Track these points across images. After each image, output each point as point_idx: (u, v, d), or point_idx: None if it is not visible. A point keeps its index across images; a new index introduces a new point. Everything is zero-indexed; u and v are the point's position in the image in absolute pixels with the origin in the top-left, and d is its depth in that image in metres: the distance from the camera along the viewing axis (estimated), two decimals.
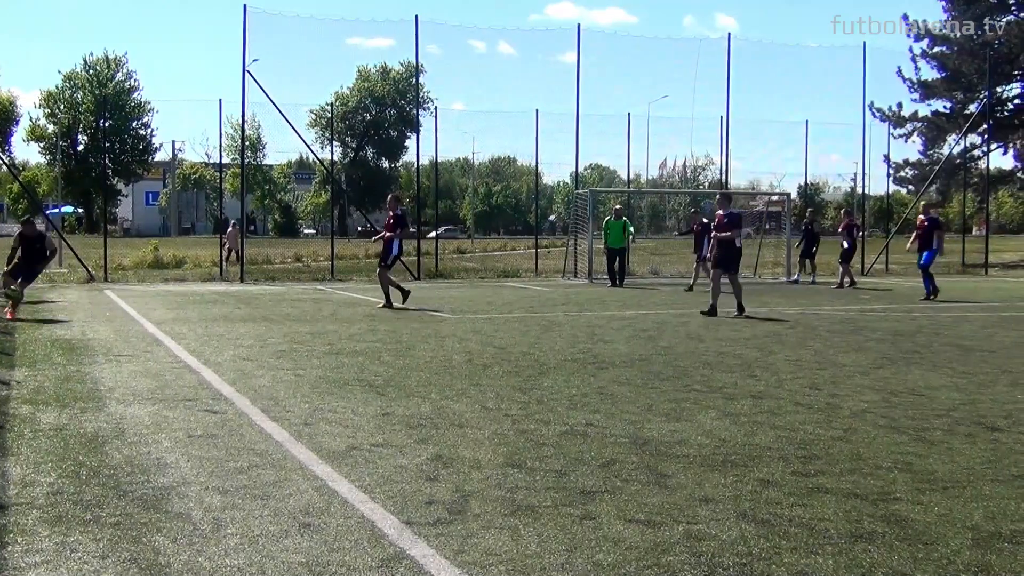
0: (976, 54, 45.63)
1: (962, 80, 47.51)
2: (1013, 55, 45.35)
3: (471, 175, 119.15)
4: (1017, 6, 48.87)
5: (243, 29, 29.05)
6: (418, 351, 12.65)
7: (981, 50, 45.00)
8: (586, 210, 32.27)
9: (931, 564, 4.80)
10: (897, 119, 48.43)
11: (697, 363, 11.72)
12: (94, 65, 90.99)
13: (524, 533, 5.21)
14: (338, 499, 5.82)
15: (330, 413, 8.46)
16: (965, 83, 47.47)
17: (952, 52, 48.35)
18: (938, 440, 7.58)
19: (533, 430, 7.82)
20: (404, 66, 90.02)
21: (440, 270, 33.36)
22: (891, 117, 48.14)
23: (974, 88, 46.80)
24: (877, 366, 11.59)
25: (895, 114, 48.37)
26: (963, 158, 45.58)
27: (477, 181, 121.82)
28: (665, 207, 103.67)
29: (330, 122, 65.13)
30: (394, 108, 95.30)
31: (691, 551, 4.95)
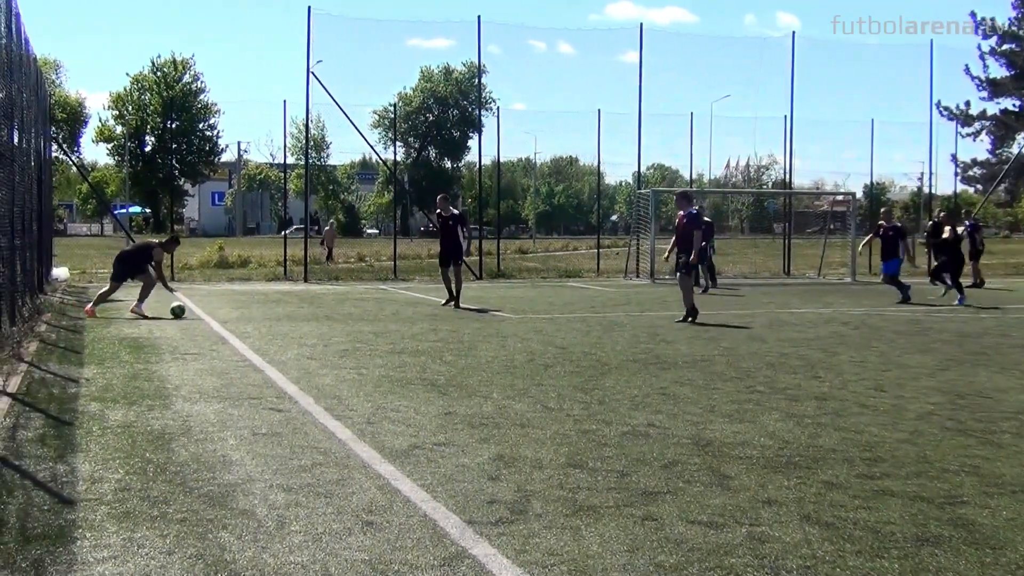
0: None
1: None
2: None
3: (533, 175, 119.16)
4: None
5: (307, 31, 29.33)
6: (480, 351, 12.68)
7: None
8: (648, 210, 32.17)
9: (999, 569, 4.74)
10: (965, 117, 47.81)
11: (760, 364, 11.64)
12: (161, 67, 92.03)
13: (586, 533, 5.21)
14: (400, 498, 5.86)
15: (392, 412, 8.51)
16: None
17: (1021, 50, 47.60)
18: (1006, 443, 7.47)
19: (595, 430, 7.81)
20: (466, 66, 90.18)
21: (502, 270, 33.40)
22: (959, 115, 47.54)
23: None
24: (943, 368, 11.45)
25: (963, 112, 47.76)
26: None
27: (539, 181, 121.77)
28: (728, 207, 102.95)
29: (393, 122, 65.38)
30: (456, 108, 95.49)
31: (754, 553, 4.92)
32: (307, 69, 29.49)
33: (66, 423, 8.00)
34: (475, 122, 79.40)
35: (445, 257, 20.04)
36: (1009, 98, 48.86)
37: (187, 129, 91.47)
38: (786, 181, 39.36)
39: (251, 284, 27.91)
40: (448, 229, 19.86)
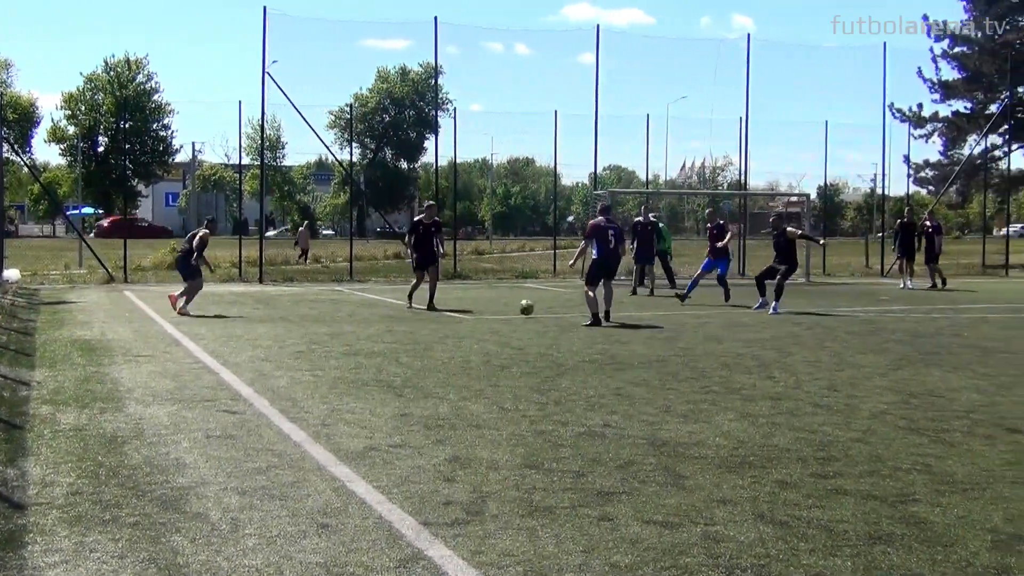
0: (997, 54, 45.42)
1: (983, 80, 47.33)
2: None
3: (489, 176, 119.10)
4: None
5: (263, 31, 29.16)
6: (436, 352, 12.67)
7: (1002, 50, 44.79)
8: None
9: (950, 566, 4.78)
10: (917, 119, 48.27)
11: (715, 364, 11.70)
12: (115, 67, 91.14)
13: (541, 534, 5.22)
14: (356, 500, 5.84)
15: (348, 414, 8.48)
16: (986, 83, 47.28)
17: (973, 52, 48.18)
18: (957, 442, 7.55)
19: (551, 431, 7.82)
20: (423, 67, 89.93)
21: (458, 271, 33.36)
22: (911, 117, 47.98)
23: (995, 88, 46.59)
24: (896, 367, 11.55)
25: (915, 114, 48.22)
26: (983, 158, 45.38)
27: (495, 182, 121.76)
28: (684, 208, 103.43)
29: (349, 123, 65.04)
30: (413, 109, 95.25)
31: (709, 552, 4.94)
32: (262, 69, 29.34)
33: (16, 426, 7.91)
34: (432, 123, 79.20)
35: (424, 262, 19.84)
36: (961, 100, 49.41)
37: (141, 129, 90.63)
38: (741, 182, 39.63)
39: (205, 286, 27.66)
40: (430, 236, 19.80)
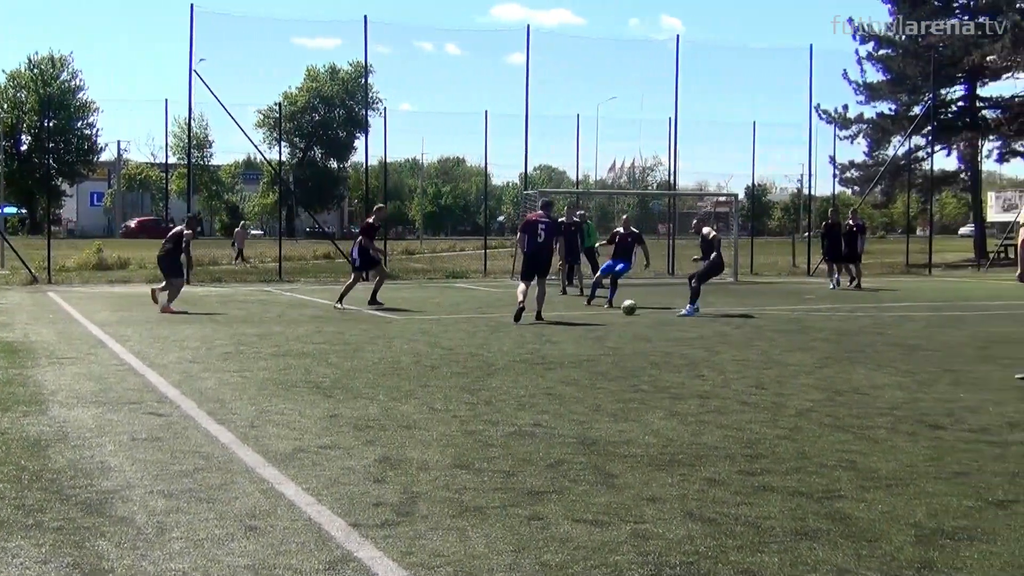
0: (920, 57, 46.17)
1: (906, 82, 48.09)
2: (956, 58, 45.93)
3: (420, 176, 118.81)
4: (961, 9, 49.57)
5: (190, 28, 28.90)
6: (366, 353, 12.61)
7: (925, 53, 45.52)
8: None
9: (874, 561, 4.85)
10: (843, 121, 48.93)
11: (644, 363, 11.77)
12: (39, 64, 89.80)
13: (471, 534, 5.21)
14: (284, 502, 5.79)
15: (277, 415, 8.41)
16: (909, 85, 48.04)
17: (897, 55, 48.93)
18: (881, 438, 7.66)
19: (481, 431, 7.82)
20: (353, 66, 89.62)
21: (389, 271, 33.22)
22: (837, 119, 48.63)
23: (918, 90, 47.37)
24: (821, 365, 11.70)
25: (841, 116, 48.87)
26: (907, 159, 46.12)
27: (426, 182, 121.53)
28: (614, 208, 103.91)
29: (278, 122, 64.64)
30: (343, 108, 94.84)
31: (638, 550, 4.97)
32: (190, 67, 29.04)
33: None
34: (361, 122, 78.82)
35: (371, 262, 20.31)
36: (885, 102, 50.15)
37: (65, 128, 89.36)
38: (670, 182, 39.94)
39: (131, 286, 27.35)
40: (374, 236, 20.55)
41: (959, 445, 7.43)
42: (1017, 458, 7.01)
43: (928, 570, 4.73)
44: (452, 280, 31.53)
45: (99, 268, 33.80)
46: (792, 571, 4.71)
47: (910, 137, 44.42)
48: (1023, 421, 8.35)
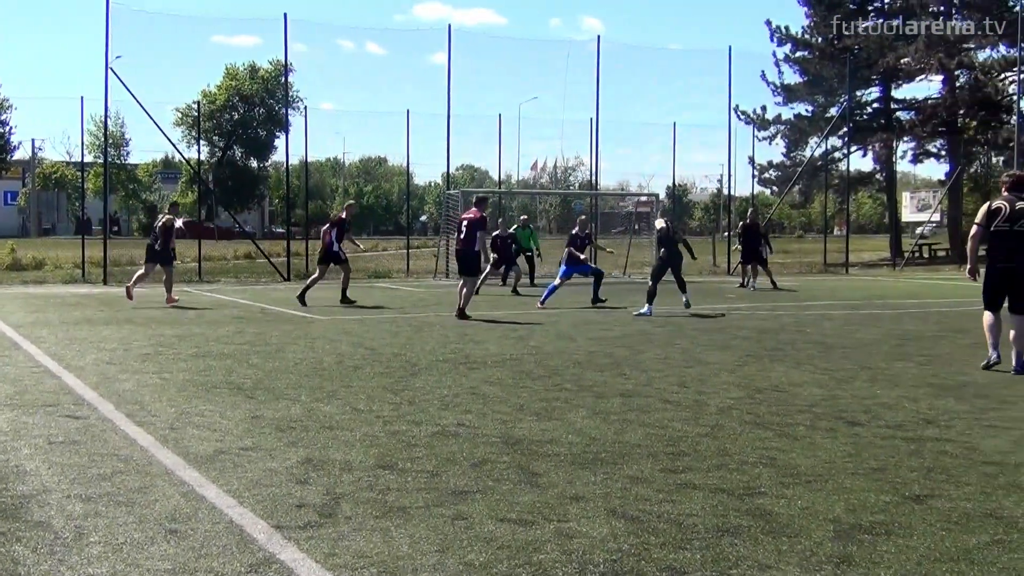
0: (836, 59, 46.92)
1: (823, 84, 48.85)
2: (871, 60, 46.75)
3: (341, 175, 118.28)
4: (876, 12, 50.44)
5: (106, 25, 28.46)
6: (288, 353, 12.51)
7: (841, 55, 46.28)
8: (457, 211, 32.28)
9: (794, 556, 4.92)
10: (761, 122, 49.58)
11: (568, 362, 11.81)
12: None
13: (395, 534, 5.19)
14: (205, 504, 5.72)
15: (197, 417, 8.31)
16: (826, 87, 48.82)
17: (813, 57, 49.67)
18: (801, 435, 7.76)
19: (404, 431, 7.79)
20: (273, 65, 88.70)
21: (310, 271, 33.01)
22: (755, 120, 49.27)
23: (834, 92, 48.15)
24: (742, 363, 11.83)
25: (759, 117, 49.52)
26: (824, 160, 46.87)
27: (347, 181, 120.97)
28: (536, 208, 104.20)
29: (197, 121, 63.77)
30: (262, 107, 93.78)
31: (562, 549, 4.98)
32: (106, 65, 28.62)
33: None
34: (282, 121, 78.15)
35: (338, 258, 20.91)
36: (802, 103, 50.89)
37: None
38: (592, 182, 40.12)
39: (46, 287, 26.88)
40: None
41: (876, 441, 7.56)
42: (932, 454, 7.14)
43: (847, 565, 4.80)
44: (375, 280, 31.41)
45: (13, 268, 33.17)
46: (714, 567, 4.76)
47: (827, 138, 45.19)
48: (937, 417, 8.51)
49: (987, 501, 5.89)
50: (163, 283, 20.79)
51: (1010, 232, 11.10)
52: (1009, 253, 11.16)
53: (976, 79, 46.09)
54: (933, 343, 14.05)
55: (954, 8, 46.60)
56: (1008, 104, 45.57)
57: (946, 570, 4.73)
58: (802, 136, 50.19)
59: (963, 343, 14.03)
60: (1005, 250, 11.20)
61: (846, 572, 4.70)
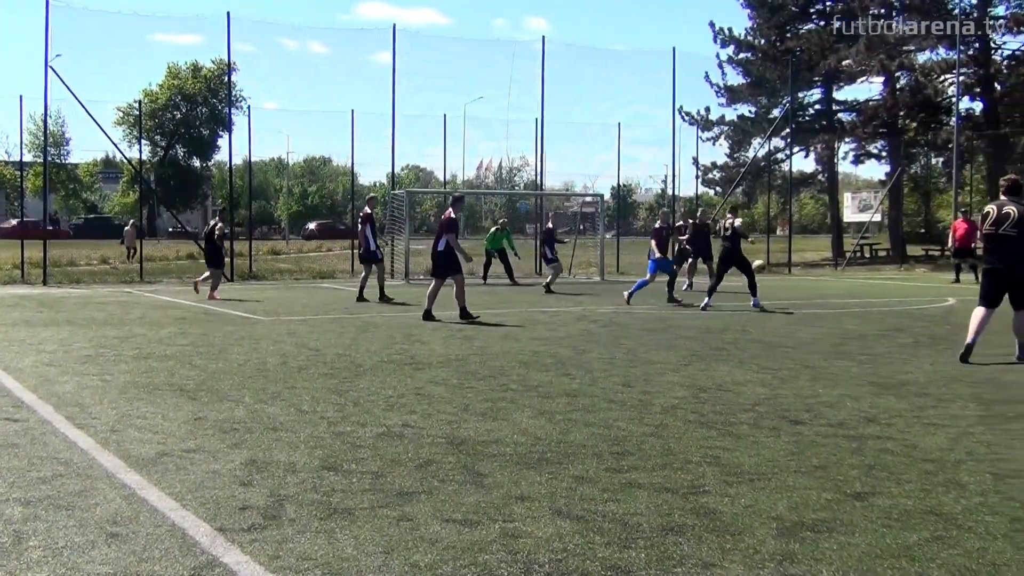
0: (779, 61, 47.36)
1: (766, 86, 49.31)
2: (813, 62, 47.19)
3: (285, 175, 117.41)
4: (818, 15, 50.95)
5: (45, 23, 28.10)
6: (231, 354, 12.42)
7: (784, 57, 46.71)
8: (403, 211, 32.22)
9: (738, 554, 4.95)
10: (705, 123, 49.95)
11: (513, 362, 11.82)
12: None
13: (340, 536, 5.17)
14: (148, 507, 5.66)
15: (139, 419, 8.22)
16: (769, 88, 49.28)
17: (756, 58, 50.11)
18: (744, 434, 7.82)
19: (349, 432, 7.76)
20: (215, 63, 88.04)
21: (254, 271, 32.81)
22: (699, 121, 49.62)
23: (777, 93, 48.60)
24: (686, 363, 11.90)
25: (703, 118, 49.88)
26: (767, 161, 47.28)
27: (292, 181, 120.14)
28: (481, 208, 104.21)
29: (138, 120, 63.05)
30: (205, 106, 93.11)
31: (507, 549, 4.98)
32: (45, 63, 28.21)
33: None
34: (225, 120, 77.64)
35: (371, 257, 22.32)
36: (745, 105, 51.34)
37: None
38: (537, 182, 40.17)
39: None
40: None
41: (818, 440, 7.63)
42: (873, 452, 7.22)
43: (789, 562, 4.85)
44: (319, 280, 31.25)
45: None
46: (659, 566, 4.78)
47: (769, 139, 45.58)
48: (879, 416, 8.61)
49: (927, 498, 5.97)
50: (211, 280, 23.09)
51: (996, 235, 11.88)
52: (997, 255, 11.94)
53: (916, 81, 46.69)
54: (874, 342, 14.21)
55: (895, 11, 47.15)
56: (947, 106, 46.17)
57: (887, 566, 4.79)
58: (745, 137, 50.65)
59: (903, 342, 14.21)
60: (993, 252, 11.99)
61: (789, 569, 4.74)
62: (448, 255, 17.18)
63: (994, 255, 11.97)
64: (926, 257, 46.05)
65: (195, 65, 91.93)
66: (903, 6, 46.10)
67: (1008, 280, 11.87)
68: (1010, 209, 11.80)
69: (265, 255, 46.81)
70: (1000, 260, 11.89)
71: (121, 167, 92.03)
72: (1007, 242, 11.76)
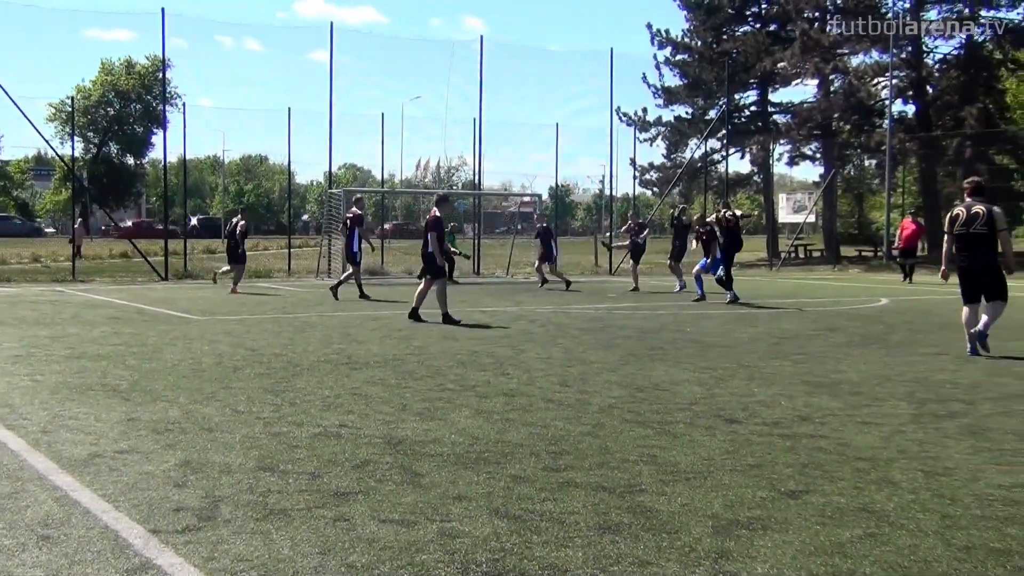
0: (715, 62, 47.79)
1: (702, 87, 49.75)
2: (749, 64, 47.69)
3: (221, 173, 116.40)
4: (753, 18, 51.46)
5: None
6: (165, 354, 12.28)
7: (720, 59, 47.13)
8: (340, 210, 32.05)
9: (674, 552, 4.98)
10: (642, 123, 50.29)
11: (451, 362, 11.80)
12: None
13: (276, 537, 5.13)
14: (80, 509, 5.58)
15: (71, 420, 8.11)
16: (705, 90, 49.73)
17: (693, 60, 50.52)
18: (680, 432, 7.87)
19: (286, 432, 7.71)
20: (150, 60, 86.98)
21: (188, 270, 32.49)
22: (637, 121, 49.94)
23: (713, 95, 49.05)
24: (624, 363, 11.95)
25: (640, 119, 50.21)
26: (704, 162, 47.68)
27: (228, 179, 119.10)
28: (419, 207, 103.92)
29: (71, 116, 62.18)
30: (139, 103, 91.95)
31: (445, 549, 4.98)
32: None
33: None
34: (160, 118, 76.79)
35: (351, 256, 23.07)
36: (682, 106, 51.76)
37: None
38: (475, 182, 40.18)
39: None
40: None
41: (753, 438, 7.70)
42: (807, 450, 7.30)
43: (725, 560, 4.88)
44: (256, 279, 31.00)
45: None
46: (596, 565, 4.79)
47: (706, 140, 46.00)
48: (813, 414, 8.71)
49: (859, 496, 6.05)
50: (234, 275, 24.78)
51: (967, 235, 12.64)
52: (969, 254, 12.72)
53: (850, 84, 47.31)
54: (808, 341, 14.37)
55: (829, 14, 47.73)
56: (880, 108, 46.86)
57: (820, 563, 4.84)
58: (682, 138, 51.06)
59: (837, 341, 14.38)
60: (965, 251, 12.74)
61: (724, 567, 4.78)
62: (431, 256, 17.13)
63: (967, 254, 12.71)
64: (859, 258, 46.69)
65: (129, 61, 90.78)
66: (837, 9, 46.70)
67: (981, 277, 12.69)
68: (979, 209, 12.58)
69: (200, 254, 46.34)
70: (973, 259, 12.66)
71: (53, 164, 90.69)
72: (979, 240, 12.56)
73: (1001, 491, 6.19)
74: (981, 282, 12.69)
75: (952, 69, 46.56)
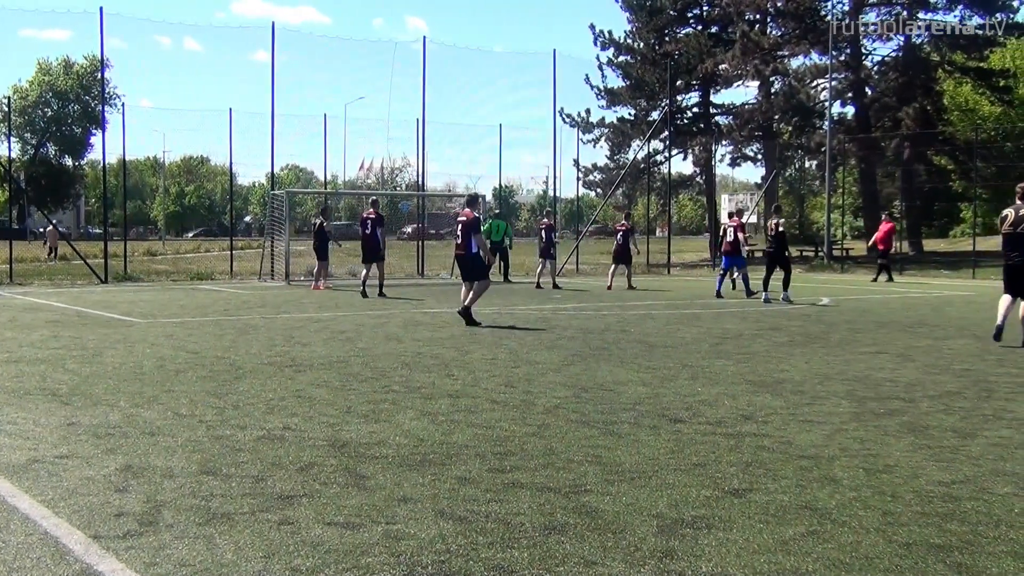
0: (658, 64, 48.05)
1: (645, 88, 49.99)
2: (691, 65, 48.00)
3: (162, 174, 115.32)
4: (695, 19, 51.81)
5: None
6: (106, 357, 12.14)
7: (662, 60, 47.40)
8: (282, 211, 31.87)
9: (619, 552, 4.99)
10: (585, 125, 50.46)
11: (395, 364, 11.77)
12: None
13: (220, 542, 5.08)
14: (18, 515, 5.50)
15: (9, 425, 7.99)
16: (648, 91, 49.97)
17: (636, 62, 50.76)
18: (625, 432, 7.90)
19: (229, 436, 7.64)
20: (88, 60, 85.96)
21: (129, 273, 32.12)
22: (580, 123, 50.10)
23: (656, 96, 49.28)
24: (568, 363, 11.98)
25: (583, 120, 50.37)
26: (647, 163, 47.88)
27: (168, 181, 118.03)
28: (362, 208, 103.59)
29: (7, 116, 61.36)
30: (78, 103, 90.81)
31: (390, 551, 4.96)
32: None
33: None
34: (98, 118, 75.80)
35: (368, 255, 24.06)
36: (625, 107, 51.99)
37: None
38: (419, 183, 40.09)
39: None
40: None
41: (697, 438, 7.74)
42: (751, 449, 7.36)
43: (669, 559, 4.91)
44: (198, 282, 30.73)
45: None
46: (542, 565, 4.80)
47: (649, 141, 46.15)
48: (755, 414, 8.78)
49: (802, 494, 6.10)
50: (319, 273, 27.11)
51: (1014, 235, 13.95)
52: (1017, 251, 13.98)
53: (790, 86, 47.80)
54: (750, 341, 14.49)
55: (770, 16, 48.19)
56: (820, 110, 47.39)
57: (764, 561, 4.88)
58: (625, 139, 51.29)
59: (779, 341, 14.51)
60: (1014, 249, 14.03)
61: (669, 566, 4.80)
62: (477, 256, 17.00)
63: (1014, 252, 13.98)
64: (800, 258, 47.11)
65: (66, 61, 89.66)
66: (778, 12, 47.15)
67: None
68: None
69: (140, 256, 45.85)
70: (1020, 256, 13.91)
71: None
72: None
73: (941, 488, 6.27)
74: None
75: (891, 71, 47.23)
